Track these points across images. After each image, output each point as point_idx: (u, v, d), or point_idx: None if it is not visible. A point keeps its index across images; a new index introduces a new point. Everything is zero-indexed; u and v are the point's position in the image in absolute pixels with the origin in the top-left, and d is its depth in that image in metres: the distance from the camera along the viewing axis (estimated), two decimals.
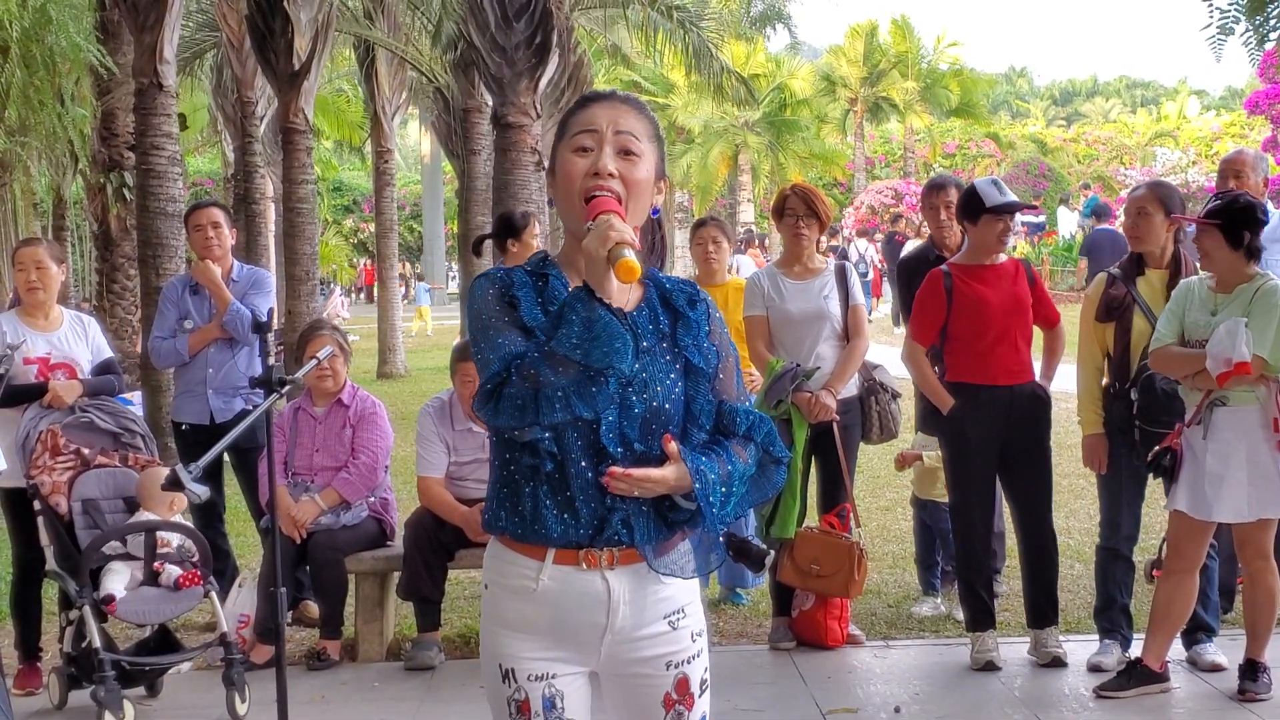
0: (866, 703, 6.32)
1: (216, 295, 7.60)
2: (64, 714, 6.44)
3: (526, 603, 2.85)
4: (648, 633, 2.92)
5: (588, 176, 2.80)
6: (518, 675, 2.84)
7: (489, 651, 2.89)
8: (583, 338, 2.60)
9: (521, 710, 2.83)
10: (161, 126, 13.46)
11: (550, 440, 2.78)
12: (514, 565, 2.85)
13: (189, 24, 21.65)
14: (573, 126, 2.87)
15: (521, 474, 2.83)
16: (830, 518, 7.08)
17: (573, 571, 2.84)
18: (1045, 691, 6.41)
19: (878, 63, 54.07)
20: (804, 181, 7.94)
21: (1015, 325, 6.72)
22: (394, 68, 24.72)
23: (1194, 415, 6.03)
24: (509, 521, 2.85)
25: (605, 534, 2.83)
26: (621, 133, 2.84)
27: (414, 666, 7.02)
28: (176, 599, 6.50)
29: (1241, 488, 5.93)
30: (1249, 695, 6.09)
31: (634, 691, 2.95)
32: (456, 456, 7.24)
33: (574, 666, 2.90)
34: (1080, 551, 8.14)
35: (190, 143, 33.56)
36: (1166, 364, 6.10)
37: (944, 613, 7.69)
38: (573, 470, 2.80)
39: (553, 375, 2.62)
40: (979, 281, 6.71)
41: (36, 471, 6.56)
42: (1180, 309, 6.09)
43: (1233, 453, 5.93)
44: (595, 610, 2.86)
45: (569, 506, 2.81)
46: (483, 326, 2.77)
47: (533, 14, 14.77)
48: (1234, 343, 5.73)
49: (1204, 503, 5.99)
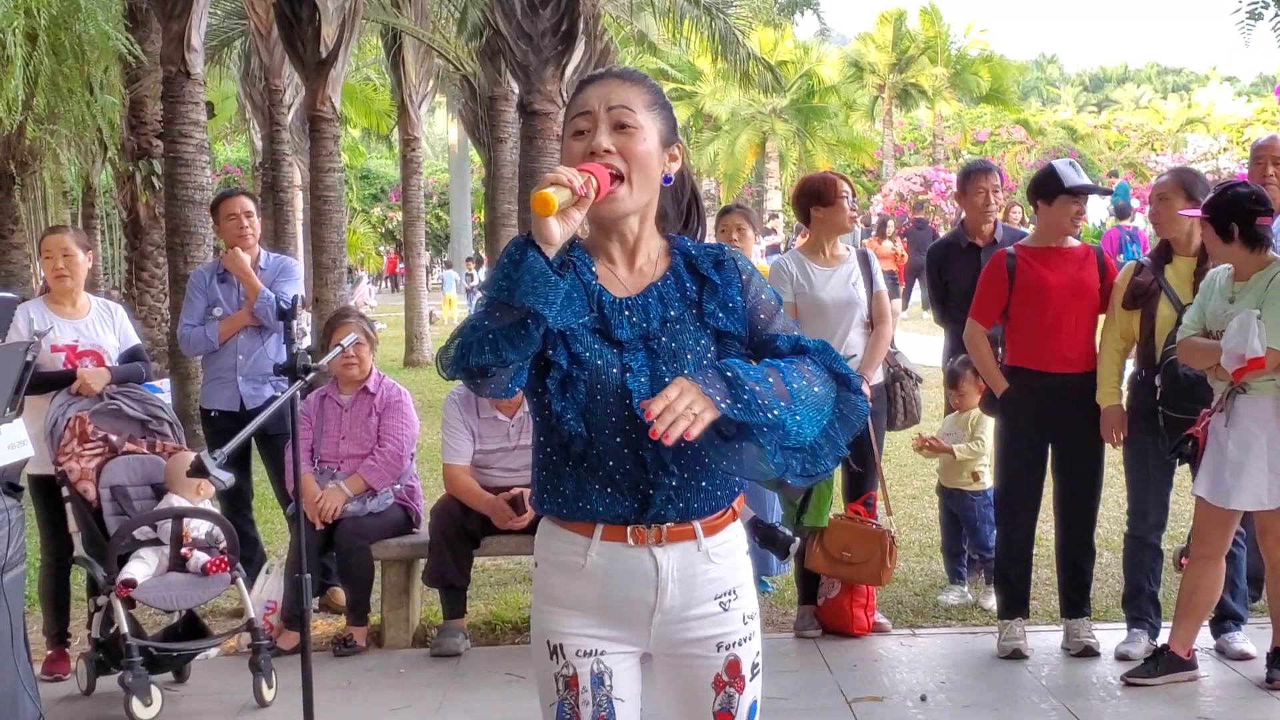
0: (892, 691, 6.32)
1: (247, 283, 7.63)
2: (92, 700, 6.47)
3: (575, 580, 2.84)
4: (698, 613, 2.90)
5: (584, 158, 2.79)
6: (565, 651, 2.84)
7: (538, 628, 2.89)
8: (510, 278, 2.59)
9: (569, 686, 2.83)
10: (189, 114, 13.49)
11: (575, 420, 2.77)
12: (563, 542, 2.85)
13: (216, 12, 21.70)
14: (570, 112, 2.88)
15: (558, 454, 2.83)
16: (857, 506, 7.07)
17: (620, 548, 2.83)
18: (1072, 680, 6.40)
19: (906, 49, 53.95)
20: (826, 170, 7.88)
21: (1076, 309, 6.62)
22: (421, 56, 24.72)
23: (1217, 403, 6.02)
24: (553, 502, 2.85)
25: (651, 510, 2.82)
26: (614, 108, 2.82)
27: (440, 653, 7.04)
28: (204, 585, 6.52)
29: (1262, 475, 5.91)
30: (1277, 684, 6.08)
31: (684, 673, 2.94)
32: (482, 444, 7.25)
33: (624, 646, 2.89)
34: (1108, 540, 8.12)
35: (218, 130, 33.70)
36: (1190, 356, 6.09)
37: (971, 601, 7.69)
38: (607, 446, 2.79)
39: (489, 321, 2.61)
40: (1042, 264, 6.65)
41: (65, 458, 6.59)
42: (1205, 299, 6.07)
43: (1253, 440, 5.90)
44: (644, 587, 2.85)
45: (610, 482, 2.80)
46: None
47: (559, 2, 14.77)
48: (1246, 337, 5.70)
49: (1223, 490, 5.98)
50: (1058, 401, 6.61)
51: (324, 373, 5.24)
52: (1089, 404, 6.64)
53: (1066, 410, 6.64)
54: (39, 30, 8.96)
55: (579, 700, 2.82)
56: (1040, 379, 6.64)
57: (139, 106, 15.30)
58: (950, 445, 7.74)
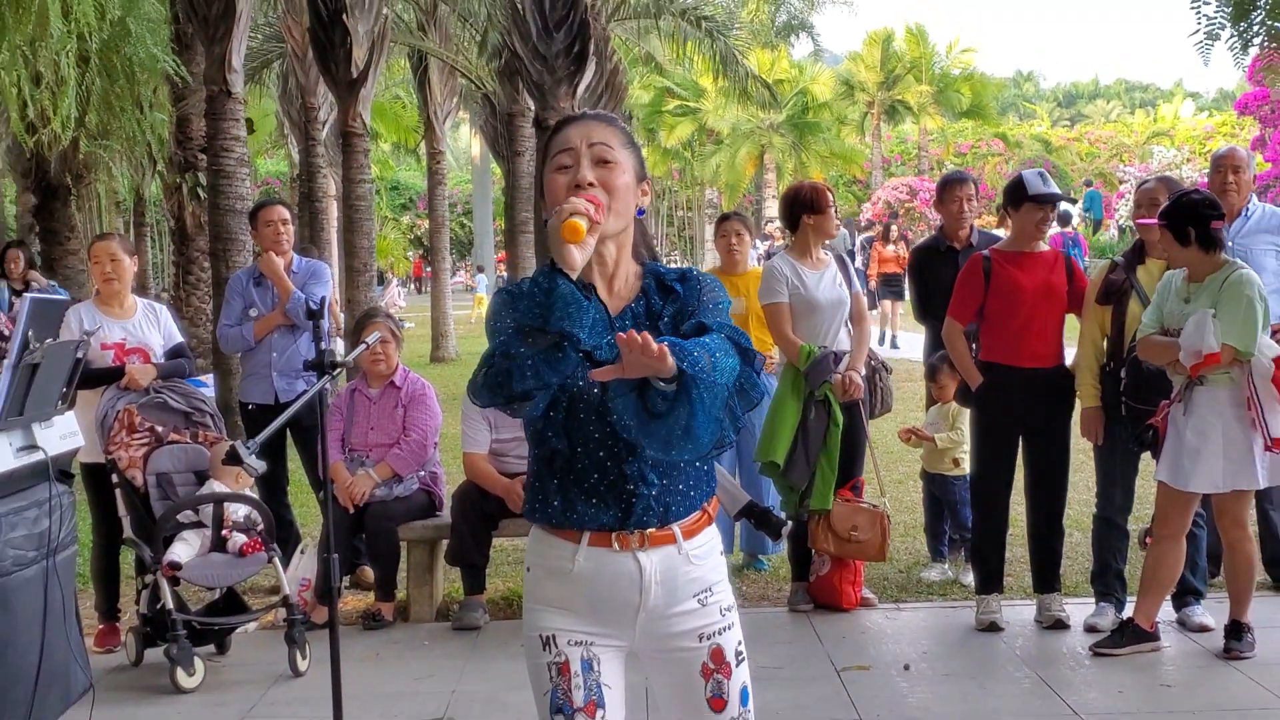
0: (878, 661, 6.30)
1: (280, 285, 7.63)
2: (140, 670, 6.47)
3: (564, 583, 2.84)
4: (679, 610, 2.89)
5: (569, 190, 2.79)
6: (558, 640, 2.83)
7: (531, 625, 2.88)
8: (542, 305, 2.57)
9: (562, 672, 2.81)
10: (231, 130, 13.53)
11: (557, 436, 2.78)
12: (552, 549, 2.84)
13: (256, 36, 21.71)
14: (552, 149, 2.87)
15: (544, 468, 2.83)
16: (845, 491, 7.06)
17: (606, 553, 2.82)
18: (1044, 650, 6.38)
19: (893, 68, 53.89)
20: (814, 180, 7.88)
21: (1045, 310, 6.62)
22: (445, 75, 24.73)
23: (1175, 394, 6.01)
24: (543, 513, 2.84)
25: (633, 518, 2.81)
26: (595, 144, 2.84)
27: (461, 626, 7.04)
28: (242, 564, 6.53)
29: (1217, 461, 5.90)
30: (1234, 654, 6.07)
31: (673, 665, 2.92)
32: (499, 434, 7.24)
33: (611, 641, 2.88)
34: (1078, 521, 8.10)
35: (259, 145, 33.70)
36: (1149, 352, 6.08)
37: (951, 577, 7.68)
38: (592, 460, 2.80)
39: (522, 348, 2.60)
40: (1015, 267, 6.64)
41: (114, 448, 6.60)
42: (1161, 299, 6.06)
43: (1210, 428, 5.90)
44: (629, 589, 2.84)
45: (594, 493, 2.80)
46: (490, 334, 2.77)
47: (571, 25, 14.75)
48: (1202, 335, 5.70)
49: (1182, 474, 5.97)
50: (1028, 394, 6.60)
51: (350, 367, 5.23)
52: (1057, 396, 6.64)
53: (1036, 402, 6.63)
54: (91, 53, 8.97)
55: (571, 685, 2.81)
56: (1012, 373, 6.62)
57: (185, 123, 15.30)
58: (932, 434, 7.76)
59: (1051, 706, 5.58)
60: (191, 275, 16.26)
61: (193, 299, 16.11)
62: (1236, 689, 5.71)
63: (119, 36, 10.63)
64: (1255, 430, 5.84)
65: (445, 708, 5.79)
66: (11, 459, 4.22)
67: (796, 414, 6.85)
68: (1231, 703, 5.54)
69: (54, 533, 4.31)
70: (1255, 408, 5.82)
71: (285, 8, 19.73)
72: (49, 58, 8.18)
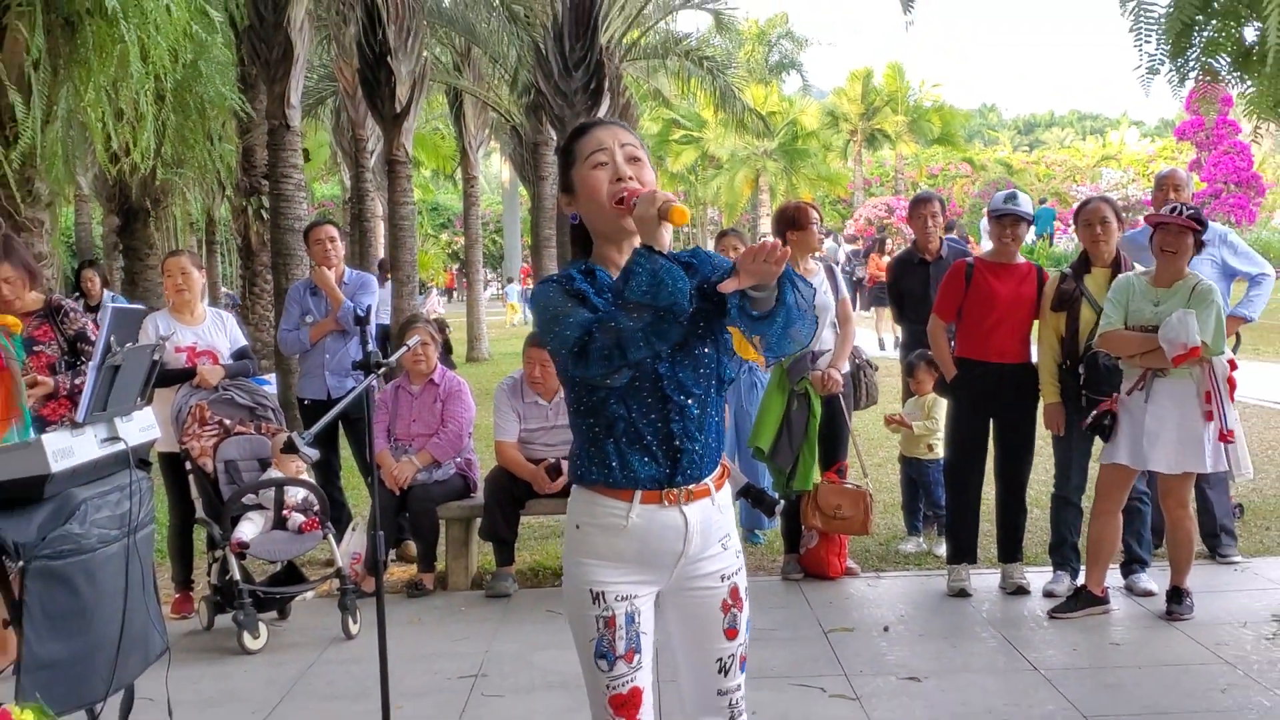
0: (861, 623, 6.28)
1: (332, 296, 7.63)
2: (211, 634, 6.47)
3: (617, 537, 2.82)
4: (708, 554, 2.91)
5: (611, 183, 2.79)
6: (606, 597, 2.81)
7: (579, 580, 2.84)
8: (650, 284, 2.55)
9: (608, 625, 2.80)
10: (289, 159, 13.55)
11: (618, 403, 2.77)
12: (605, 507, 2.82)
13: (312, 76, 21.71)
14: (585, 149, 2.84)
15: (604, 432, 2.81)
16: (830, 474, 7.04)
17: (656, 509, 2.81)
18: (1007, 613, 6.36)
19: (873, 101, 53.83)
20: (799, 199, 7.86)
21: (1014, 314, 6.59)
22: (478, 110, 24.72)
23: (1134, 385, 5.99)
24: (600, 474, 2.81)
25: (679, 473, 2.82)
26: (625, 145, 2.84)
27: (493, 594, 7.03)
28: (301, 541, 6.53)
29: (1172, 445, 5.89)
30: (1175, 615, 6.06)
31: (698, 603, 2.93)
32: (526, 424, 7.23)
33: (649, 589, 2.88)
34: (1038, 499, 8.06)
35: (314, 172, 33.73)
36: (1117, 344, 6.03)
37: (925, 550, 7.65)
38: (646, 422, 2.79)
39: (630, 321, 2.57)
40: (993, 275, 6.62)
41: (188, 439, 6.60)
42: (1123, 299, 6.02)
43: (1168, 415, 5.89)
44: (674, 540, 2.84)
45: (648, 452, 2.80)
46: (553, 314, 2.72)
47: (589, 65, 14.75)
48: (1187, 331, 5.69)
49: (1140, 455, 5.96)
50: (996, 386, 6.58)
51: (394, 367, 5.22)
52: (1021, 389, 6.62)
53: (1003, 394, 6.61)
54: (167, 91, 8.97)
55: (615, 636, 2.81)
56: (982, 368, 6.60)
57: (250, 153, 15.30)
58: (910, 422, 7.74)
59: (1014, 662, 5.56)
60: (255, 287, 16.25)
61: (257, 307, 16.09)
62: (1177, 646, 5.69)
63: (191, 77, 10.62)
64: (1211, 421, 5.83)
65: (479, 666, 5.78)
66: (97, 449, 4.22)
67: (781, 406, 6.86)
68: (1174, 659, 5.51)
69: (134, 514, 4.30)
70: (1216, 401, 5.81)
71: (337, 51, 19.74)
72: (129, 96, 8.17)
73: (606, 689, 2.82)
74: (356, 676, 5.68)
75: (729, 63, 26.23)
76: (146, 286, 15.90)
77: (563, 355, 2.68)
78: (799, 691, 5.21)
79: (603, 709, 2.83)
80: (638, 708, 2.84)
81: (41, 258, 7.66)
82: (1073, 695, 5.07)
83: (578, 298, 2.73)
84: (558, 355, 2.72)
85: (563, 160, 2.91)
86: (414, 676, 5.62)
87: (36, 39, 7.47)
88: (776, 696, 5.09)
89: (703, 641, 2.95)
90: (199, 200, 22.72)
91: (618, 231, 2.84)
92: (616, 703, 2.82)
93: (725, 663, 2.96)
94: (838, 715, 4.95)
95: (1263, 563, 7.08)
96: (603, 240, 2.88)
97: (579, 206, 2.88)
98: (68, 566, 3.97)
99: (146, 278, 15.74)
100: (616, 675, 2.81)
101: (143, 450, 4.62)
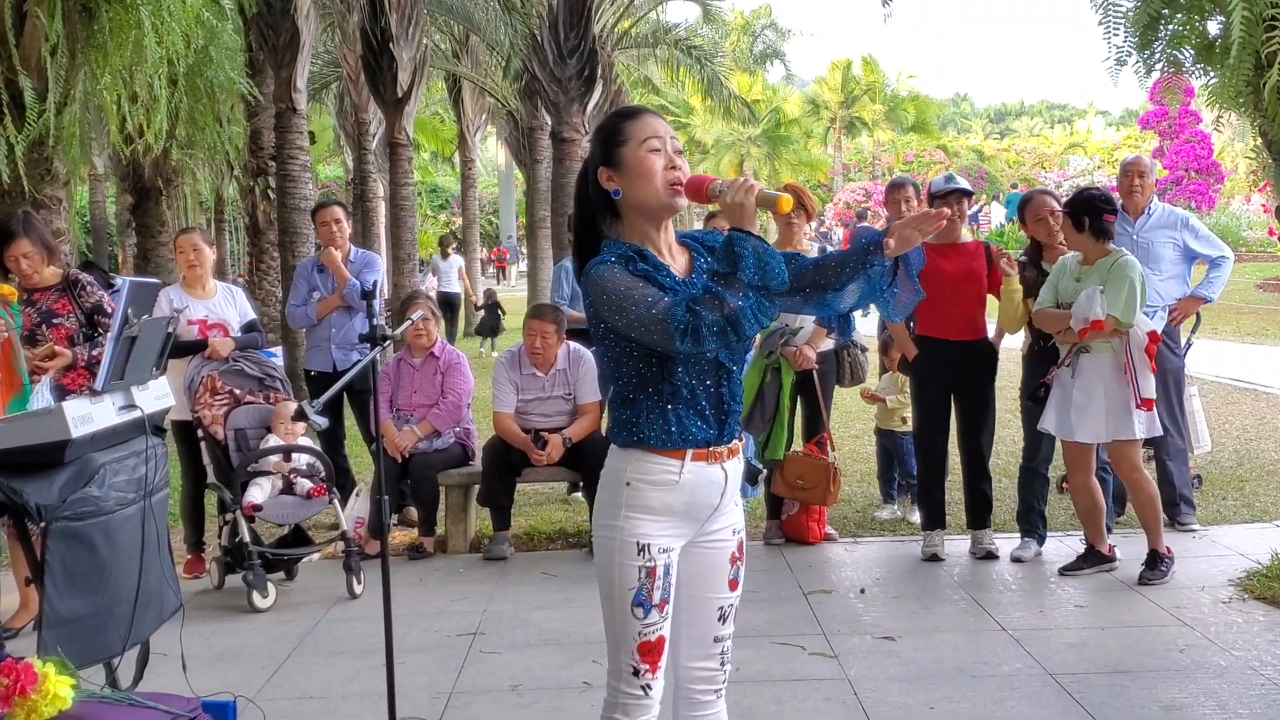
0: (838, 585, 6.31)
1: (338, 274, 7.60)
2: (221, 593, 6.49)
3: (669, 492, 2.86)
4: (728, 508, 2.99)
5: (667, 170, 2.86)
6: (651, 549, 2.85)
7: (625, 532, 2.86)
8: (758, 266, 2.64)
9: (649, 575, 2.85)
10: (295, 142, 13.50)
11: (687, 373, 2.84)
12: (659, 464, 2.86)
13: (317, 62, 21.56)
14: (638, 132, 2.88)
15: (665, 400, 2.85)
16: (810, 446, 7.05)
17: (704, 465, 2.88)
18: (978, 577, 6.39)
19: (852, 90, 53.78)
20: (795, 182, 7.86)
21: (966, 291, 6.58)
22: (476, 95, 24.63)
23: (1064, 359, 6.11)
24: (658, 438, 2.85)
25: (725, 433, 2.91)
26: (673, 137, 2.92)
27: (490, 557, 7.05)
28: (307, 505, 6.54)
29: (1100, 416, 5.99)
30: (1146, 580, 6.08)
31: (712, 554, 2.99)
32: (523, 395, 7.23)
33: (681, 541, 2.93)
34: (1006, 470, 8.11)
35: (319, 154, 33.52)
36: (1044, 322, 6.21)
37: (900, 517, 7.68)
38: (701, 389, 2.87)
39: (738, 300, 2.64)
40: (940, 256, 6.59)
41: (200, 407, 6.60)
42: (1056, 279, 6.19)
43: (1094, 389, 6.00)
44: (715, 494, 2.91)
45: (702, 416, 2.87)
46: (624, 291, 2.74)
47: (582, 53, 14.69)
48: (1090, 306, 5.86)
49: (1068, 426, 6.08)
50: (955, 362, 6.61)
51: (398, 340, 5.22)
52: (980, 363, 6.66)
53: (962, 368, 6.63)
54: (179, 76, 8.92)
55: (654, 586, 2.85)
56: (941, 345, 6.62)
57: (257, 135, 15.23)
58: (883, 396, 7.76)
59: (983, 623, 5.59)
60: (263, 263, 16.20)
61: (264, 283, 16.05)
62: (1138, 609, 5.72)
63: (202, 62, 10.55)
64: (1131, 389, 5.89)
65: (478, 624, 5.80)
66: (114, 416, 4.21)
67: (758, 379, 6.89)
68: (1135, 621, 5.55)
69: (149, 478, 4.29)
70: (1130, 371, 5.89)
71: (341, 38, 19.63)
72: (143, 80, 8.12)
73: (638, 635, 2.86)
74: (360, 634, 5.70)
75: (716, 52, 26.13)
76: (159, 263, 15.82)
77: (661, 337, 2.70)
78: (780, 649, 5.24)
79: (630, 655, 2.87)
80: (661, 655, 2.90)
81: (59, 234, 7.63)
82: (1038, 654, 5.11)
83: (644, 279, 2.78)
84: (653, 333, 2.72)
85: (607, 137, 2.92)
86: (416, 634, 5.65)
87: (55, 25, 7.42)
88: (758, 654, 5.12)
89: (708, 590, 3.00)
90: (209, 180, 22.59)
91: (664, 210, 2.89)
92: (644, 649, 2.87)
93: (724, 611, 3.02)
94: (816, 672, 4.98)
95: (1220, 530, 7.12)
96: (643, 218, 2.91)
97: (624, 183, 2.89)
98: (87, 527, 3.98)
99: (159, 254, 15.66)
100: (649, 623, 2.86)
101: (158, 417, 4.62)
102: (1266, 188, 17.88)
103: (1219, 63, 5.68)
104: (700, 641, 3.01)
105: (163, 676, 4.47)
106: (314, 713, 4.73)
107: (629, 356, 2.85)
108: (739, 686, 3.13)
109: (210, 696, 3.92)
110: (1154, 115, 36.75)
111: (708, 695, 3.02)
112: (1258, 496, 7.91)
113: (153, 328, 4.45)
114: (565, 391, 7.24)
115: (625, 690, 2.89)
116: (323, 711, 4.74)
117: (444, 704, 4.76)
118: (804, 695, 4.71)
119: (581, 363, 7.26)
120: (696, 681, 3.02)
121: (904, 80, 55.46)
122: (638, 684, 2.88)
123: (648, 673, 2.88)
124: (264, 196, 15.44)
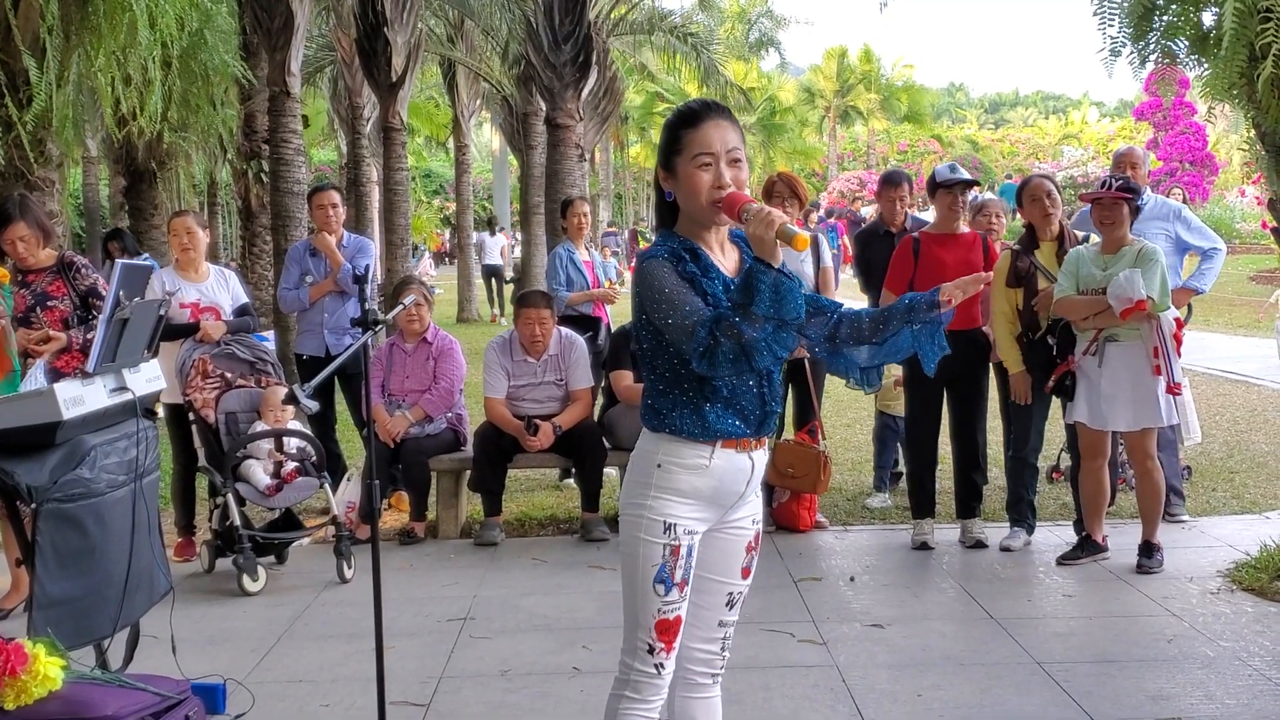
0: (828, 573, 6.33)
1: (332, 259, 7.59)
2: (212, 576, 6.50)
3: (699, 476, 2.90)
4: (750, 498, 3.03)
5: (712, 189, 2.85)
6: (677, 529, 2.88)
7: (653, 511, 2.89)
8: (773, 299, 2.65)
9: (673, 554, 2.88)
10: (289, 125, 13.44)
11: (734, 376, 2.87)
12: (692, 449, 2.90)
13: (311, 45, 21.53)
14: (693, 145, 2.87)
15: (705, 398, 2.88)
16: (802, 434, 7.07)
17: (734, 454, 2.92)
18: (967, 565, 6.41)
19: (847, 79, 53.72)
20: (787, 170, 7.87)
21: None
22: (470, 80, 24.55)
23: (1087, 348, 6.10)
24: (694, 428, 2.88)
25: (763, 429, 2.96)
26: (731, 149, 2.88)
27: (481, 542, 7.05)
28: (298, 489, 6.53)
29: (1128, 405, 6.01)
30: (1145, 569, 6.11)
31: (730, 540, 3.02)
32: (514, 381, 7.24)
33: (705, 525, 2.96)
34: (996, 459, 8.11)
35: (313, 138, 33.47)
36: (1070, 309, 6.16)
37: (890, 505, 7.70)
38: (744, 390, 2.91)
39: (754, 331, 2.66)
40: (939, 247, 6.63)
41: (191, 391, 6.59)
42: (1075, 269, 6.16)
43: (1122, 377, 6.01)
44: (741, 481, 2.95)
45: (742, 415, 2.91)
46: (668, 294, 2.78)
47: (577, 39, 14.63)
48: (1133, 287, 5.83)
49: (1100, 416, 6.08)
50: (950, 351, 6.58)
51: (390, 324, 5.22)
52: (973, 354, 6.65)
53: (955, 360, 6.56)
54: (173, 58, 8.88)
55: (677, 565, 2.88)
56: None
57: (251, 119, 15.17)
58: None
59: (971, 611, 5.61)
60: (255, 247, 16.14)
61: (256, 267, 15.99)
62: (1127, 599, 5.75)
63: (196, 45, 10.52)
64: (1160, 375, 5.94)
65: (468, 609, 5.81)
66: (106, 398, 4.20)
67: None
68: (1123, 610, 5.57)
69: (140, 460, 4.29)
70: (1162, 355, 5.92)
71: (336, 21, 19.57)
72: (138, 62, 8.08)
73: (658, 613, 2.89)
74: (350, 618, 5.71)
75: (711, 39, 26.17)
76: (151, 245, 15.77)
77: (687, 349, 2.75)
78: (769, 636, 5.26)
79: (647, 632, 2.90)
80: (676, 635, 2.93)
81: (53, 216, 7.59)
82: (1026, 642, 5.13)
83: (689, 281, 2.82)
84: (682, 342, 2.77)
85: (668, 142, 2.93)
86: (405, 619, 5.65)
87: (51, 6, 7.39)
88: (748, 640, 5.13)
89: (721, 575, 3.04)
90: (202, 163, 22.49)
91: (708, 224, 2.92)
92: (662, 627, 2.90)
93: (733, 597, 3.07)
94: (805, 659, 5.00)
95: (1209, 522, 7.15)
96: (695, 225, 2.94)
97: (675, 189, 2.92)
98: (78, 509, 3.97)
99: (152, 237, 15.62)
100: (669, 601, 2.89)
101: (149, 400, 4.61)
102: (1260, 180, 17.89)
103: (1212, 54, 5.66)
104: (706, 624, 3.04)
105: (153, 659, 4.48)
106: (304, 696, 4.74)
107: (666, 351, 2.89)
108: (728, 672, 3.14)
109: (200, 679, 3.93)
110: (1149, 106, 36.80)
111: (705, 678, 3.06)
112: (1247, 488, 7.95)
113: (144, 310, 4.44)
114: (557, 377, 7.24)
115: (638, 668, 2.92)
116: (312, 695, 4.75)
117: (433, 688, 4.77)
118: (792, 682, 4.72)
119: (573, 349, 7.27)
120: (696, 663, 3.05)
121: (899, 70, 55.41)
122: (651, 662, 2.91)
123: (662, 651, 2.91)
124: (257, 180, 15.38)
